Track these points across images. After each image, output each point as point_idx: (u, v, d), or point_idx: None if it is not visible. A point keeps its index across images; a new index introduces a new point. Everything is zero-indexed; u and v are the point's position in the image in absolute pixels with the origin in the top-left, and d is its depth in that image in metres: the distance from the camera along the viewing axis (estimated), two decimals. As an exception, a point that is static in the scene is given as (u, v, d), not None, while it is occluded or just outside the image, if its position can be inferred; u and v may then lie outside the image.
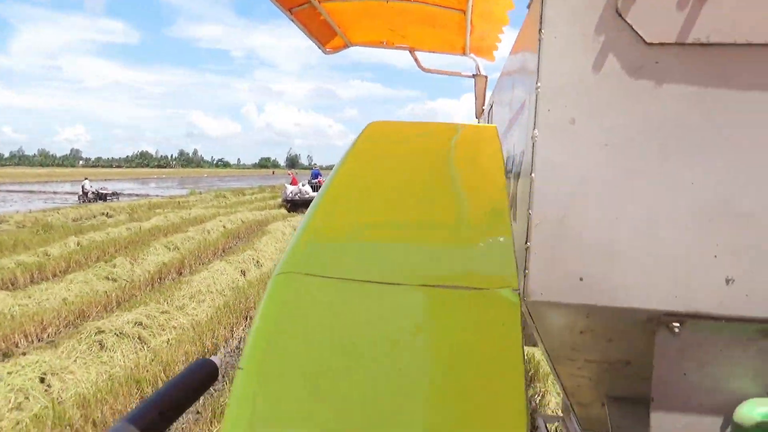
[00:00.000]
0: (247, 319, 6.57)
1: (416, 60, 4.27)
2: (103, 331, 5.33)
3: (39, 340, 5.80)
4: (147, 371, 4.59)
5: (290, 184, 22.15)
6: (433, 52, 4.37)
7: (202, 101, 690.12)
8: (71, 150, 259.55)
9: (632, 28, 1.10)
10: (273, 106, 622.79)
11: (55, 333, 6.01)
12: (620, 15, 1.10)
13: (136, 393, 4.24)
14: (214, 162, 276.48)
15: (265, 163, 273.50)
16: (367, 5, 3.49)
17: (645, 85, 1.10)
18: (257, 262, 10.09)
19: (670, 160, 1.09)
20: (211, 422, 4.07)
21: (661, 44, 1.09)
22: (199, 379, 0.94)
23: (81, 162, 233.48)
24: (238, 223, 15.65)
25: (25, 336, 5.73)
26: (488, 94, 4.09)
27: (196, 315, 6.53)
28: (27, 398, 4.13)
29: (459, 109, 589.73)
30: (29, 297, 6.99)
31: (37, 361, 4.50)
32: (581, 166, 1.10)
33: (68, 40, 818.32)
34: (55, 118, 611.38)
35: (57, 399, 4.18)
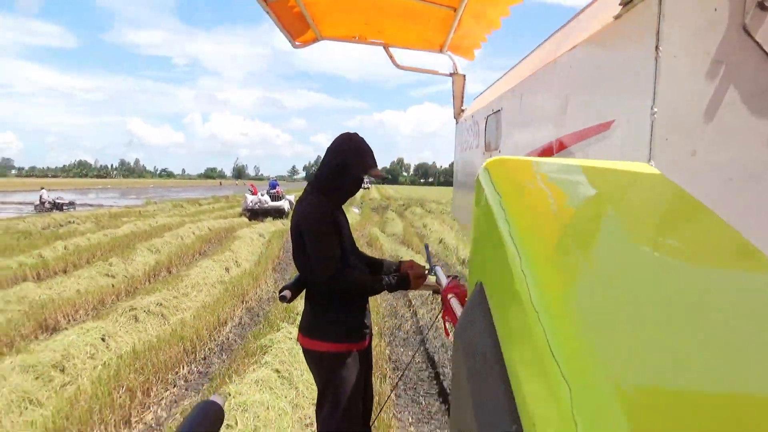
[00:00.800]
0: (243, 302, 8.07)
1: (390, 56, 4.20)
2: (135, 309, 6.72)
3: (74, 320, 7.08)
4: (185, 332, 6.05)
5: (251, 194, 23.38)
6: (409, 48, 4.28)
7: (142, 109, 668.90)
8: (1, 159, 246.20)
9: (761, 47, 0.97)
10: (218, 115, 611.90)
11: (85, 314, 7.30)
12: (747, 32, 0.97)
13: (180, 345, 5.71)
14: (158, 172, 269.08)
15: (211, 174, 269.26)
16: None
17: None
18: (236, 261, 11.48)
19: None
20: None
21: None
22: (207, 425, 0.90)
23: (14, 171, 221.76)
24: (206, 230, 16.81)
25: (64, 316, 7.01)
26: (486, 92, 3.94)
27: (202, 299, 7.98)
28: (96, 351, 5.52)
29: (406, 121, 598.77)
30: (50, 288, 8.19)
31: (96, 327, 5.88)
32: (703, 202, 0.94)
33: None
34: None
35: (117, 353, 5.58)
